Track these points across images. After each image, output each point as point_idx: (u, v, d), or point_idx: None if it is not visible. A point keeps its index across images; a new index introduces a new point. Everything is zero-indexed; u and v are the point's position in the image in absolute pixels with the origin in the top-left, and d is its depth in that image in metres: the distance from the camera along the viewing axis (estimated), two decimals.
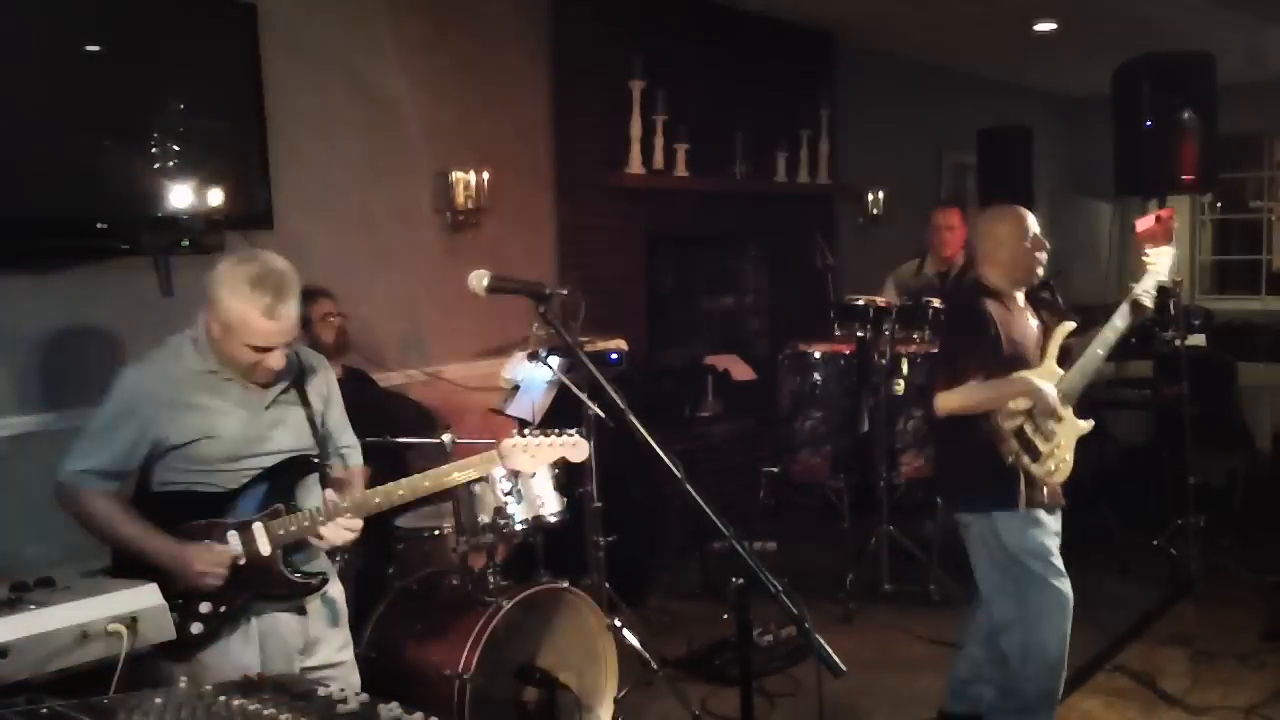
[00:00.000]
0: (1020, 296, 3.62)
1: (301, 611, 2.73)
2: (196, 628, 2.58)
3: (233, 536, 2.59)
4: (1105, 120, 5.73)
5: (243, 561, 2.59)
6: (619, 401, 2.49)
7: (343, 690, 1.94)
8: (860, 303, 5.27)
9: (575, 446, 2.79)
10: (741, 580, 2.23)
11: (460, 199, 5.06)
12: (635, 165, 5.84)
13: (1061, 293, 6.27)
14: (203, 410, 2.57)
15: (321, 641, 2.79)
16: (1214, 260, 11.05)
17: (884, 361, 5.17)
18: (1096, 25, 7.18)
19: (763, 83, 6.77)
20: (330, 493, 2.70)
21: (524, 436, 2.79)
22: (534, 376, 4.29)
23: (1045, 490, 3.48)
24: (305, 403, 2.73)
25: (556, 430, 2.81)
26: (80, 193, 3.68)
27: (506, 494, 3.68)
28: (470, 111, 5.23)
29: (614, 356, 4.88)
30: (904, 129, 8.27)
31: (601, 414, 3.65)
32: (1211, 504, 5.64)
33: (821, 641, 2.10)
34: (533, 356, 4.12)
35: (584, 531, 4.29)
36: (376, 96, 4.83)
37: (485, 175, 5.12)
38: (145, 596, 2.83)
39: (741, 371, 6.63)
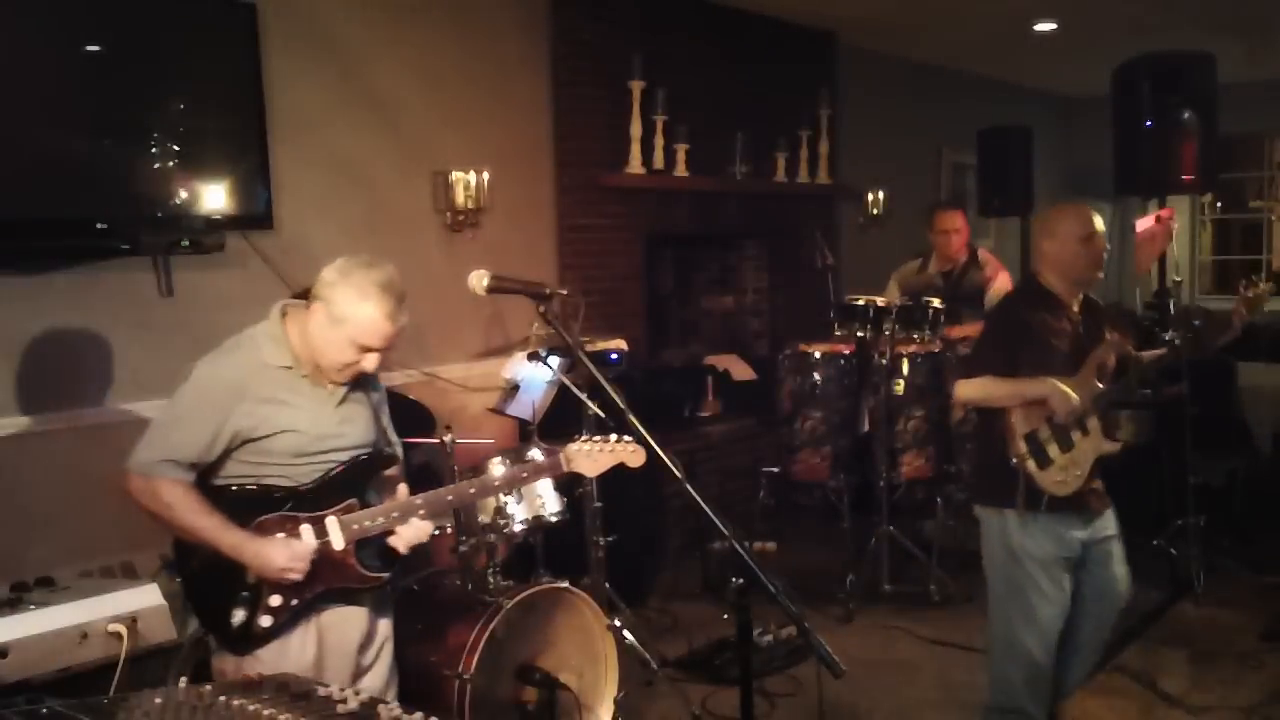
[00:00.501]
0: (1076, 304, 3.53)
1: (363, 604, 2.73)
2: (265, 621, 2.55)
3: (306, 531, 2.57)
4: (1105, 120, 5.72)
5: (315, 556, 2.59)
6: (619, 401, 2.50)
7: (343, 690, 1.94)
8: (860, 303, 5.28)
9: (635, 453, 2.81)
10: (741, 580, 2.23)
11: (460, 199, 5.06)
12: (635, 165, 5.84)
13: None
14: (281, 404, 2.57)
15: (376, 634, 2.80)
16: (1214, 260, 11.05)
17: (884, 361, 5.17)
18: (1096, 25, 7.18)
19: (763, 83, 6.77)
20: (404, 488, 2.72)
21: (587, 441, 2.83)
22: (534, 376, 4.30)
23: (1047, 498, 3.41)
24: (369, 402, 2.76)
25: (616, 436, 2.82)
26: (80, 193, 3.68)
27: (506, 494, 3.68)
28: (470, 111, 5.23)
29: (614, 356, 4.88)
30: (904, 129, 8.27)
31: (601, 414, 3.65)
32: (1211, 504, 5.64)
33: (821, 641, 2.11)
34: (533, 356, 4.12)
35: (584, 531, 4.29)
36: (376, 96, 4.83)
37: (485, 175, 5.12)
38: (145, 596, 2.83)
39: (741, 371, 6.63)
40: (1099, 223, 3.50)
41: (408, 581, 3.75)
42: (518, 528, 3.74)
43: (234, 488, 2.58)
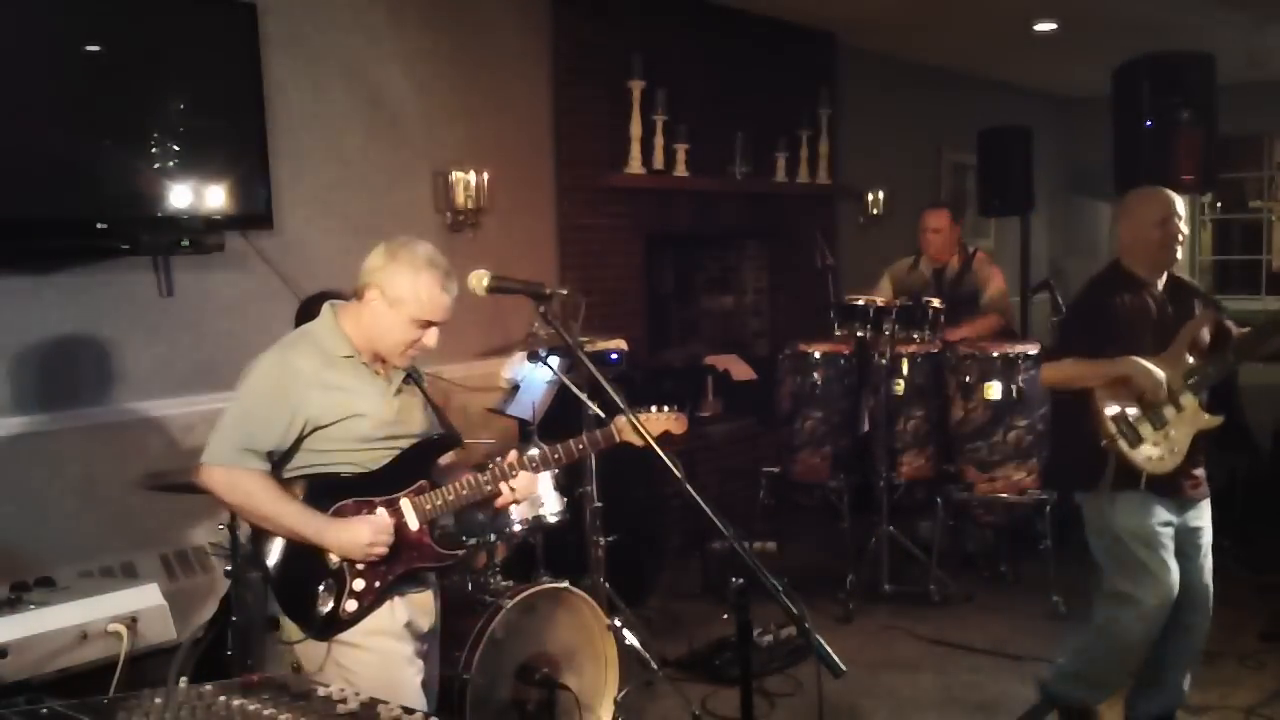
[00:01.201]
0: (1160, 283, 3.56)
1: (431, 587, 2.79)
2: (351, 605, 2.58)
3: (381, 513, 2.62)
4: (1105, 120, 5.73)
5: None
6: (619, 401, 2.50)
7: (343, 690, 1.94)
8: (860, 303, 5.27)
9: (678, 420, 2.89)
10: (741, 580, 2.23)
11: (460, 199, 5.06)
12: (635, 165, 5.84)
13: (1061, 292, 6.31)
14: (347, 390, 2.62)
15: (436, 622, 2.84)
16: (1214, 260, 11.05)
17: (884, 361, 5.17)
18: (1096, 25, 7.18)
19: (763, 83, 6.77)
20: (513, 453, 2.77)
21: (636, 411, 2.83)
22: (534, 376, 4.30)
23: (1145, 476, 3.39)
24: (422, 392, 2.81)
25: (658, 405, 2.89)
26: (80, 193, 3.69)
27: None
28: (470, 111, 5.23)
29: (614, 356, 4.88)
30: (904, 129, 8.27)
31: (601, 414, 3.65)
32: (1212, 504, 5.63)
33: (821, 641, 2.11)
34: (533, 356, 4.12)
35: (584, 531, 4.29)
36: (376, 96, 4.83)
37: (485, 175, 5.12)
38: (145, 596, 2.83)
39: (741, 371, 6.63)
40: (1178, 206, 3.58)
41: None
42: (517, 528, 3.73)
43: (309, 476, 2.62)
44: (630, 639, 4.20)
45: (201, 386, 4.20)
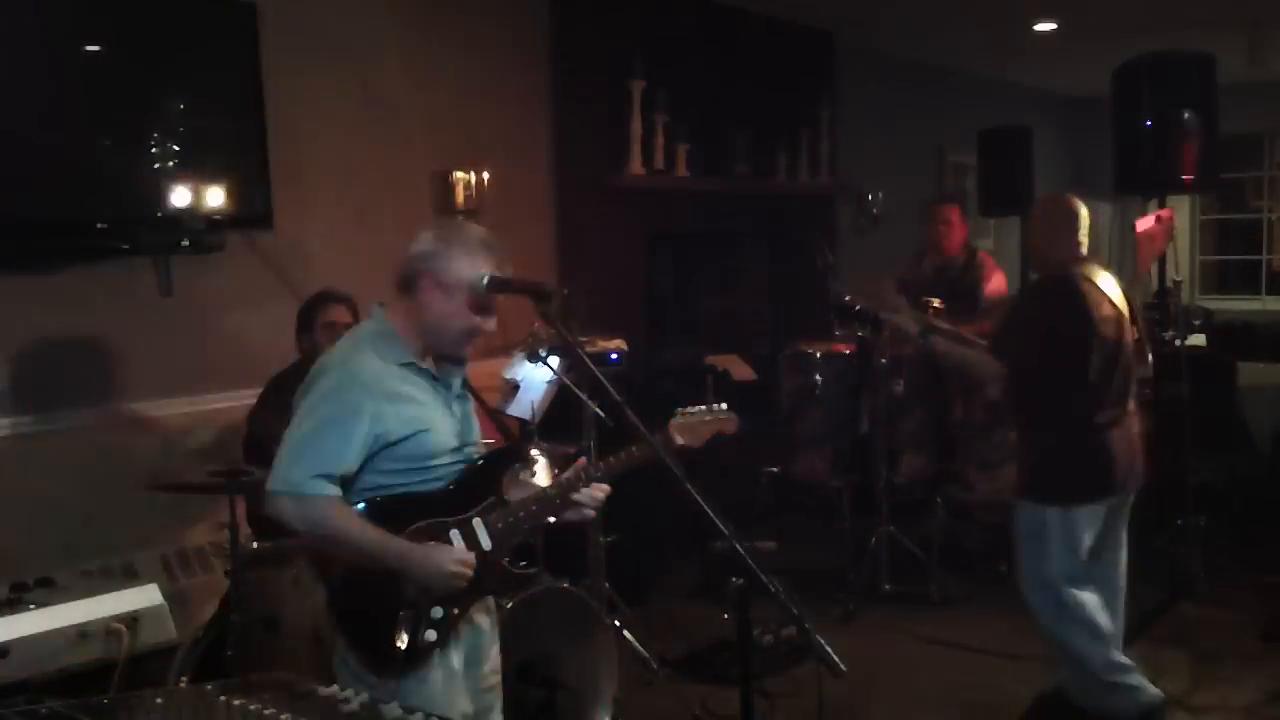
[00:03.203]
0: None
1: (491, 610, 2.65)
2: (430, 635, 2.41)
3: (455, 536, 2.46)
4: (1105, 120, 5.72)
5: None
6: (619, 401, 2.50)
7: (343, 690, 1.93)
8: (858, 307, 5.26)
9: (729, 420, 2.82)
10: (741, 580, 2.23)
11: (460, 199, 5.06)
12: (635, 165, 5.84)
13: None
14: (414, 401, 2.44)
15: (496, 646, 2.71)
16: (1214, 260, 11.05)
17: (884, 361, 5.17)
18: (1096, 25, 7.18)
19: (763, 83, 6.77)
20: (582, 461, 2.67)
21: (685, 414, 2.80)
22: (534, 376, 4.30)
23: None
24: (477, 399, 2.69)
25: (712, 404, 2.83)
26: (80, 193, 3.69)
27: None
28: (470, 111, 5.23)
29: (614, 356, 4.88)
30: (904, 129, 8.27)
31: (601, 414, 3.65)
32: (1211, 504, 5.64)
33: (821, 641, 2.10)
34: (533, 356, 4.12)
35: (584, 531, 4.29)
36: (376, 96, 4.83)
37: (485, 175, 5.11)
38: (145, 596, 2.83)
39: (741, 371, 6.62)
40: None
41: None
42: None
43: (377, 499, 2.42)
44: (630, 639, 4.20)
45: (201, 386, 4.20)
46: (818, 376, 5.47)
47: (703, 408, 2.82)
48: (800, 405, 5.50)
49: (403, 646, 2.38)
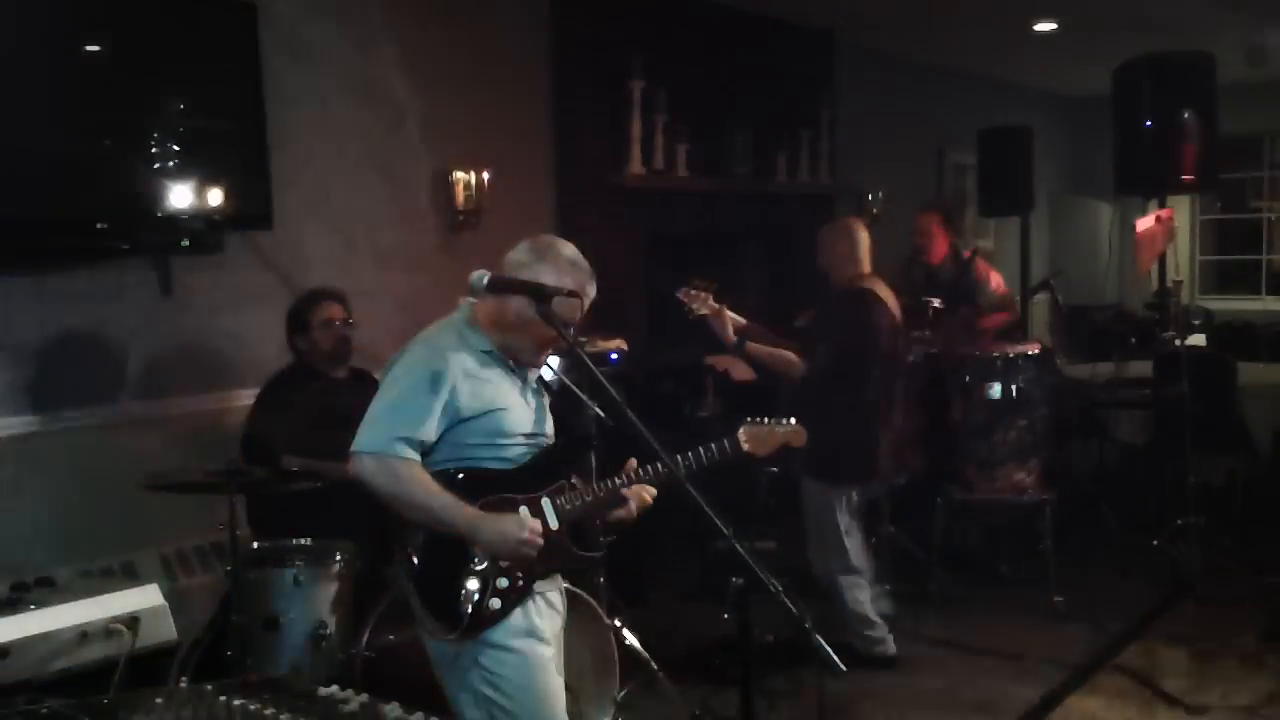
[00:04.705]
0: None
1: (560, 591, 2.76)
2: (494, 604, 2.53)
3: (524, 511, 2.58)
4: (1105, 120, 5.72)
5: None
6: (619, 401, 2.50)
7: (344, 690, 1.94)
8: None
9: (797, 434, 2.95)
10: (741, 580, 2.23)
11: (460, 199, 5.06)
12: (635, 165, 5.84)
13: (1061, 292, 6.31)
14: (491, 383, 2.59)
15: (564, 616, 2.80)
16: (1214, 260, 11.05)
17: None
18: (1096, 25, 7.18)
19: (763, 83, 6.77)
20: (633, 461, 2.74)
21: (755, 424, 2.93)
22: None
23: None
24: (549, 392, 2.80)
25: (780, 418, 2.95)
26: (80, 193, 3.68)
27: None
28: (470, 111, 5.23)
29: (614, 356, 4.88)
30: (904, 129, 8.27)
31: (601, 414, 3.65)
32: (1211, 504, 5.64)
33: (821, 641, 2.10)
34: None
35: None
36: (376, 96, 4.83)
37: (485, 175, 5.12)
38: (145, 596, 2.83)
39: (741, 372, 6.61)
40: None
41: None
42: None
43: (450, 471, 2.56)
44: (630, 639, 4.19)
45: (201, 386, 4.21)
46: None
47: (771, 419, 2.95)
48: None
49: (468, 609, 2.49)
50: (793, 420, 2.96)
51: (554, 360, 3.93)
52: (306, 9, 4.53)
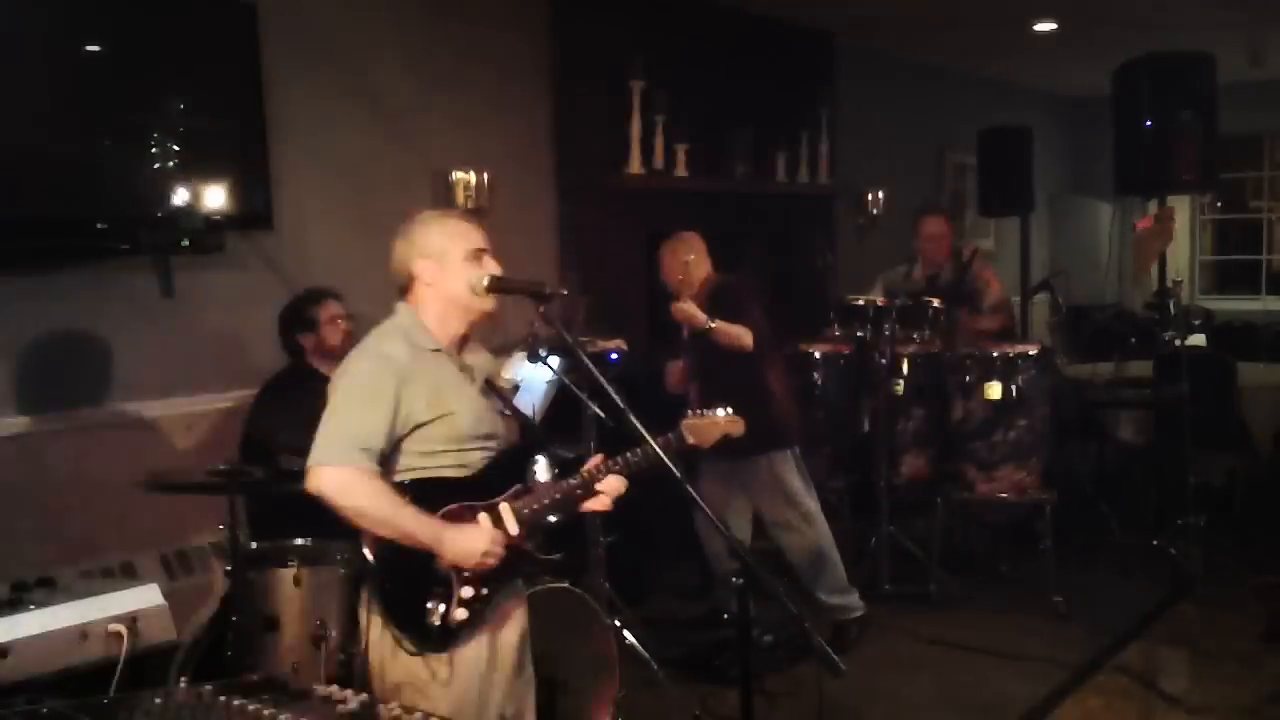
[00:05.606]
0: None
1: (522, 596, 2.74)
2: (460, 614, 2.50)
3: (484, 519, 2.54)
4: (1105, 120, 5.72)
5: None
6: (619, 402, 2.50)
7: (344, 690, 1.94)
8: (860, 303, 5.27)
9: (735, 423, 2.94)
10: (741, 580, 2.23)
11: (460, 199, 5.06)
12: (635, 165, 5.83)
13: (1061, 293, 6.31)
14: (442, 386, 2.55)
15: (526, 634, 2.78)
16: (1214, 260, 11.05)
17: (884, 361, 5.17)
18: (1096, 25, 7.18)
19: (763, 83, 6.77)
20: (596, 459, 2.73)
21: (694, 416, 2.93)
22: (534, 376, 4.30)
23: None
24: (499, 397, 2.77)
25: (719, 410, 2.95)
26: (80, 193, 3.68)
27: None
28: (470, 111, 5.23)
29: (614, 356, 4.88)
30: (904, 129, 8.27)
31: (601, 414, 3.65)
32: (1211, 504, 5.64)
33: (821, 641, 2.11)
34: (533, 356, 4.12)
35: (584, 531, 4.29)
36: (376, 96, 4.83)
37: (485, 175, 5.11)
38: (145, 596, 2.83)
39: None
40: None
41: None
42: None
43: (408, 481, 2.53)
44: (630, 639, 4.20)
45: (201, 386, 4.20)
46: (817, 376, 5.46)
47: (711, 411, 2.93)
48: (800, 405, 5.49)
49: (435, 624, 2.47)
50: (729, 410, 2.96)
51: (554, 360, 3.96)
52: (306, 9, 4.53)
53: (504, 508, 2.58)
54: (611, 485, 2.69)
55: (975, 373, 5.22)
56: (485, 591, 2.54)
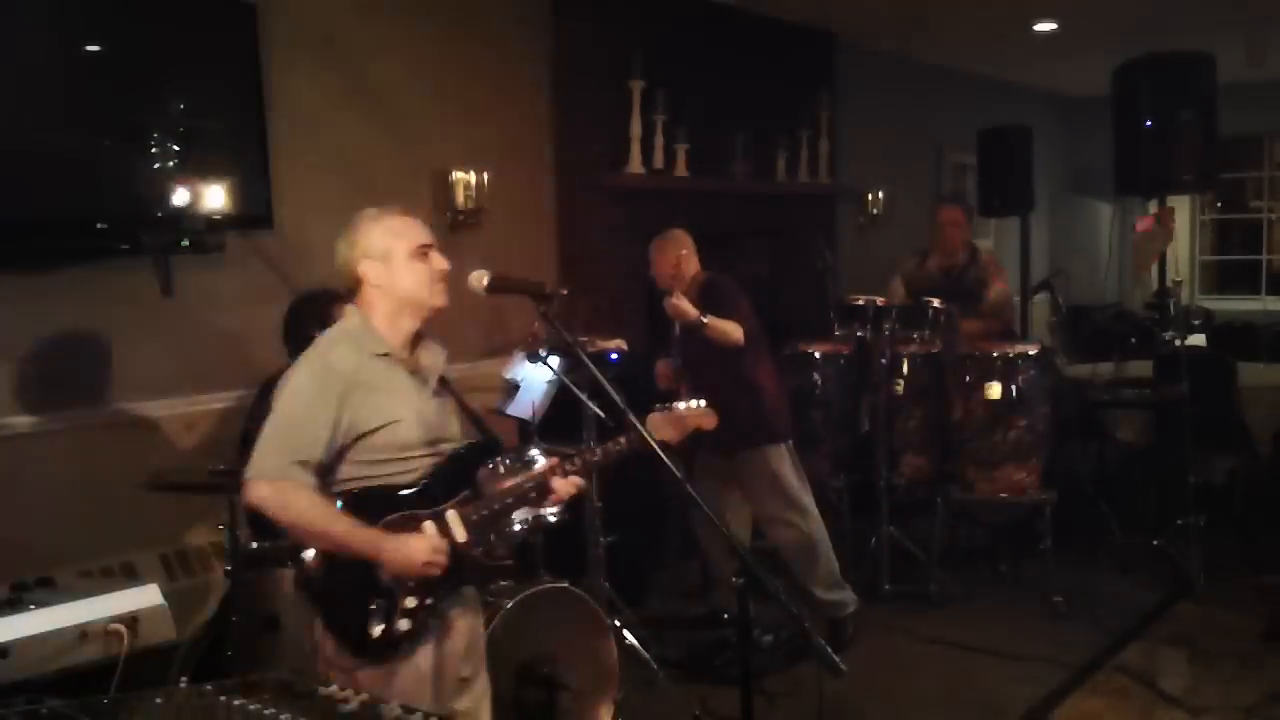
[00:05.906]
0: None
1: (471, 605, 2.69)
2: (404, 624, 2.46)
3: (429, 527, 2.49)
4: (1105, 120, 5.73)
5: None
6: (619, 401, 2.50)
7: (344, 690, 1.94)
8: (860, 302, 5.27)
9: (707, 416, 2.92)
10: (741, 580, 2.23)
11: (460, 199, 5.06)
12: (635, 165, 5.84)
13: (1061, 293, 6.31)
14: (388, 392, 2.51)
15: (477, 643, 2.74)
16: (1214, 260, 11.06)
17: (884, 361, 5.17)
18: (1096, 25, 7.18)
19: (763, 83, 6.77)
20: (554, 460, 2.71)
21: (662, 410, 2.89)
22: (534, 376, 4.30)
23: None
24: (455, 397, 2.72)
25: (687, 403, 2.93)
26: (80, 193, 3.68)
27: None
28: (470, 111, 5.23)
29: (614, 356, 4.88)
30: (904, 129, 8.27)
31: (601, 414, 3.65)
32: (1211, 504, 5.64)
33: (821, 641, 2.11)
34: (533, 356, 4.12)
35: (584, 531, 4.29)
36: (377, 97, 4.83)
37: (485, 175, 5.11)
38: (145, 596, 2.83)
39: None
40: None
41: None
42: (517, 528, 3.72)
43: (352, 491, 2.49)
44: (630, 639, 4.20)
45: (201, 386, 4.20)
46: (817, 376, 5.46)
47: (680, 404, 2.91)
48: (800, 405, 5.49)
49: (376, 634, 2.43)
50: (701, 402, 2.94)
51: (554, 360, 3.96)
52: (306, 9, 4.53)
53: (451, 514, 2.53)
54: (565, 486, 2.66)
55: (975, 373, 5.23)
56: (430, 601, 2.50)
